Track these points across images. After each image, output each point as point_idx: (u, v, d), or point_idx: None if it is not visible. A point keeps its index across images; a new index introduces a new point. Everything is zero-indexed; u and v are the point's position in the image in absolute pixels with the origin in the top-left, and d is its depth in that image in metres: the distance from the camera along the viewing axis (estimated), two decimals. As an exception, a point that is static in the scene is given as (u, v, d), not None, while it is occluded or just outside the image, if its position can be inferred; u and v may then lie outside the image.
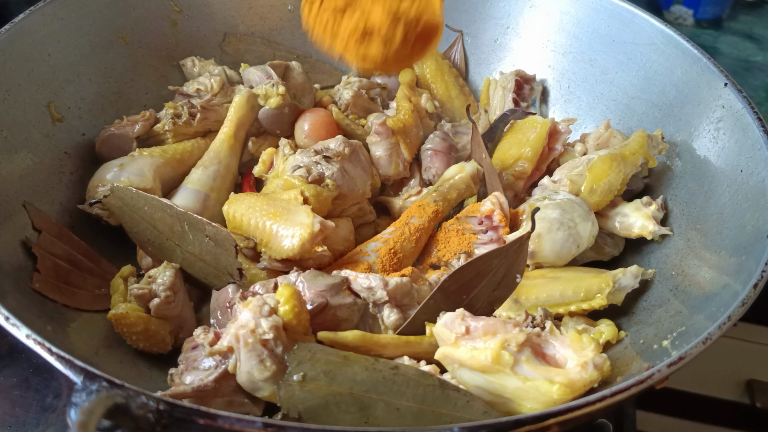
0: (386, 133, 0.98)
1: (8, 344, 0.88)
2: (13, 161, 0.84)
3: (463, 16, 1.20)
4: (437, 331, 0.68)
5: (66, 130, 0.93)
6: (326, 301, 0.72)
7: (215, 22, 1.15)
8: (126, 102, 1.03)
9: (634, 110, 1.03)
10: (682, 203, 0.91)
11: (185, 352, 0.74)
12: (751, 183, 0.81)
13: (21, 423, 0.81)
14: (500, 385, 0.63)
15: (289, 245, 0.80)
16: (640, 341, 0.78)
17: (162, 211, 0.81)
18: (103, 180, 0.88)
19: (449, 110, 1.15)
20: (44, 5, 0.92)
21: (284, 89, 0.99)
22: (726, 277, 0.76)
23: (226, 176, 0.95)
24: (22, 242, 0.79)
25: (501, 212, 0.87)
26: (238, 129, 0.98)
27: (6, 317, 0.61)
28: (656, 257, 0.90)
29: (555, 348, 0.65)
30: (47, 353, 0.58)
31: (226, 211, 0.86)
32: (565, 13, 1.11)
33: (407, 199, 0.98)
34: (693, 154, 0.92)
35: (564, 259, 0.86)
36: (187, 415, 0.51)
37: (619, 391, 0.57)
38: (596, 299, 0.80)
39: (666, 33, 0.99)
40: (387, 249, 0.86)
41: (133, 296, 0.78)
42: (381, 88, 1.13)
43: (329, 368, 0.63)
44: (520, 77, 1.12)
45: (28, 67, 0.89)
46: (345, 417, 0.61)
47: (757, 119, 0.84)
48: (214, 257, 0.79)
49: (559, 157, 1.01)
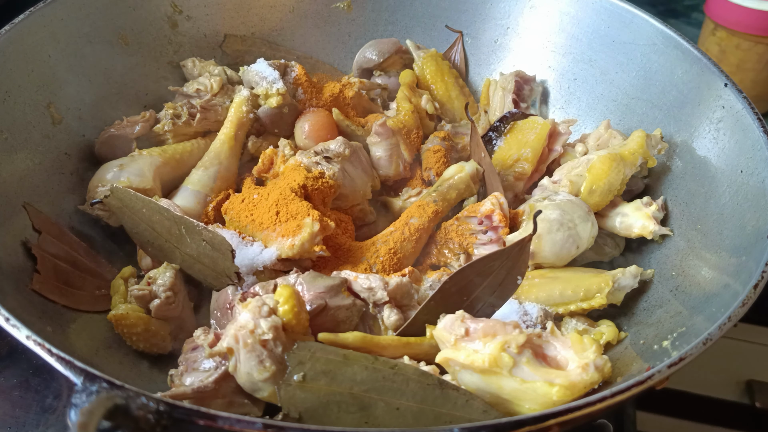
0: (386, 134, 0.98)
1: (8, 345, 0.88)
2: (13, 162, 0.84)
3: (463, 16, 1.20)
4: (437, 334, 0.68)
5: (66, 131, 0.93)
6: (325, 302, 0.72)
7: (215, 23, 1.15)
8: (126, 103, 1.03)
9: (634, 110, 1.03)
10: (682, 203, 0.91)
11: (185, 353, 0.74)
12: (752, 183, 0.81)
13: (21, 424, 0.81)
14: (498, 386, 0.63)
15: (289, 245, 0.80)
16: (641, 342, 0.78)
17: (159, 213, 0.81)
18: (103, 180, 0.88)
19: (449, 111, 1.15)
20: (44, 6, 0.92)
21: (284, 89, 0.99)
22: (726, 277, 0.76)
23: (226, 177, 0.95)
24: (22, 243, 0.79)
25: (501, 212, 0.87)
26: (238, 129, 0.98)
27: (6, 318, 0.61)
28: (656, 258, 0.90)
29: (556, 349, 0.65)
30: (47, 354, 0.58)
31: (226, 210, 0.86)
32: (565, 14, 1.11)
33: (407, 199, 0.98)
34: (693, 154, 0.92)
35: (564, 260, 0.86)
36: (187, 416, 0.51)
37: (619, 392, 0.57)
38: (596, 299, 0.81)
39: (666, 33, 0.99)
40: (387, 249, 0.86)
41: (134, 297, 0.78)
42: (381, 88, 1.13)
43: (329, 368, 0.63)
44: (520, 78, 1.12)
45: (27, 68, 0.89)
46: (345, 417, 0.61)
47: (757, 119, 0.84)
48: (212, 260, 0.79)
49: (559, 158, 1.01)
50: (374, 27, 1.22)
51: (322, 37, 1.22)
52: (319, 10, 1.21)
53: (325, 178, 0.89)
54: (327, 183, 0.88)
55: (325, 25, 1.21)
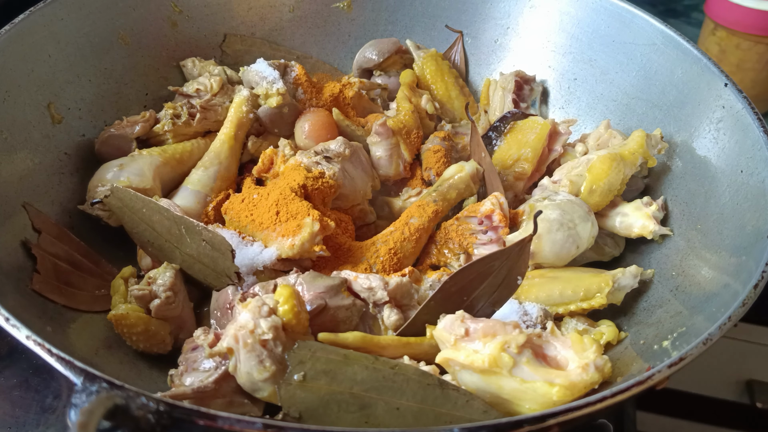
0: (386, 134, 0.98)
1: (8, 345, 0.88)
2: (13, 162, 0.84)
3: (463, 16, 1.20)
4: (437, 335, 0.68)
5: (66, 130, 0.93)
6: (325, 302, 0.72)
7: (215, 23, 1.15)
8: (126, 102, 1.03)
9: (634, 110, 1.03)
10: (683, 203, 0.91)
11: (185, 353, 0.74)
12: (752, 183, 0.81)
13: (21, 424, 0.81)
14: (498, 386, 0.63)
15: (289, 244, 0.80)
16: (641, 342, 0.78)
17: (159, 213, 0.80)
18: (103, 180, 0.88)
19: (449, 111, 1.15)
20: (44, 5, 0.92)
21: (284, 89, 0.99)
22: (726, 277, 0.76)
23: (226, 177, 0.95)
24: (22, 243, 0.79)
25: (501, 212, 0.87)
26: (238, 129, 0.98)
27: (6, 318, 0.61)
28: (656, 257, 0.90)
29: (556, 349, 0.65)
30: (47, 354, 0.58)
31: (226, 210, 0.86)
32: (565, 14, 1.11)
33: (407, 199, 0.98)
34: (693, 154, 0.92)
35: (564, 260, 0.86)
36: (187, 415, 0.51)
37: (619, 392, 0.57)
38: (596, 299, 0.81)
39: (666, 33, 0.99)
40: (387, 249, 0.86)
41: (134, 297, 0.78)
42: (381, 88, 1.13)
43: (329, 368, 0.63)
44: (520, 78, 1.12)
45: (28, 68, 0.89)
46: (345, 416, 0.61)
47: (757, 119, 0.84)
48: (212, 260, 0.79)
49: (559, 158, 1.01)
50: (374, 27, 1.22)
51: (322, 37, 1.22)
52: (319, 10, 1.21)
53: (325, 178, 0.89)
54: (327, 183, 0.88)
55: (325, 25, 1.21)
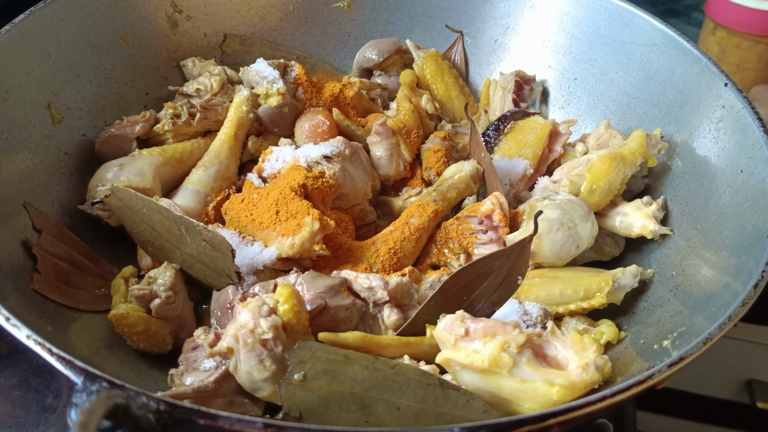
0: (386, 134, 0.98)
1: (8, 345, 0.88)
2: (14, 162, 0.84)
3: (463, 16, 1.20)
4: (437, 334, 0.68)
5: (66, 130, 0.93)
6: (325, 302, 0.72)
7: (215, 23, 1.15)
8: (126, 102, 1.03)
9: (634, 110, 1.03)
10: (683, 203, 0.91)
11: (185, 352, 0.74)
12: (752, 183, 0.81)
13: (21, 423, 0.81)
14: (498, 386, 0.63)
15: (289, 244, 0.80)
16: (641, 341, 0.78)
17: (159, 213, 0.81)
18: (103, 180, 0.88)
19: (449, 111, 1.15)
20: (44, 5, 0.92)
21: (284, 88, 0.99)
22: (726, 277, 0.76)
23: (226, 177, 0.95)
24: (22, 243, 0.79)
25: (501, 212, 0.87)
26: (238, 129, 0.98)
27: (6, 318, 0.61)
28: (656, 257, 0.90)
29: (556, 349, 0.65)
30: (47, 354, 0.58)
31: (226, 210, 0.86)
32: (565, 14, 1.11)
33: (407, 199, 0.98)
34: (693, 154, 0.92)
35: (564, 260, 0.86)
36: (187, 415, 0.51)
37: (619, 392, 0.57)
38: (596, 298, 0.81)
39: (666, 33, 0.99)
40: (387, 249, 0.86)
41: (134, 297, 0.78)
42: (381, 88, 1.13)
43: (330, 367, 0.63)
44: (520, 78, 1.12)
45: (28, 68, 0.89)
46: (346, 416, 0.61)
47: (757, 119, 0.84)
48: (212, 260, 0.79)
49: (559, 158, 1.01)
50: (374, 27, 1.22)
51: (322, 37, 1.22)
52: (319, 10, 1.21)
53: (325, 178, 0.89)
54: (327, 182, 0.88)
55: (325, 25, 1.21)
